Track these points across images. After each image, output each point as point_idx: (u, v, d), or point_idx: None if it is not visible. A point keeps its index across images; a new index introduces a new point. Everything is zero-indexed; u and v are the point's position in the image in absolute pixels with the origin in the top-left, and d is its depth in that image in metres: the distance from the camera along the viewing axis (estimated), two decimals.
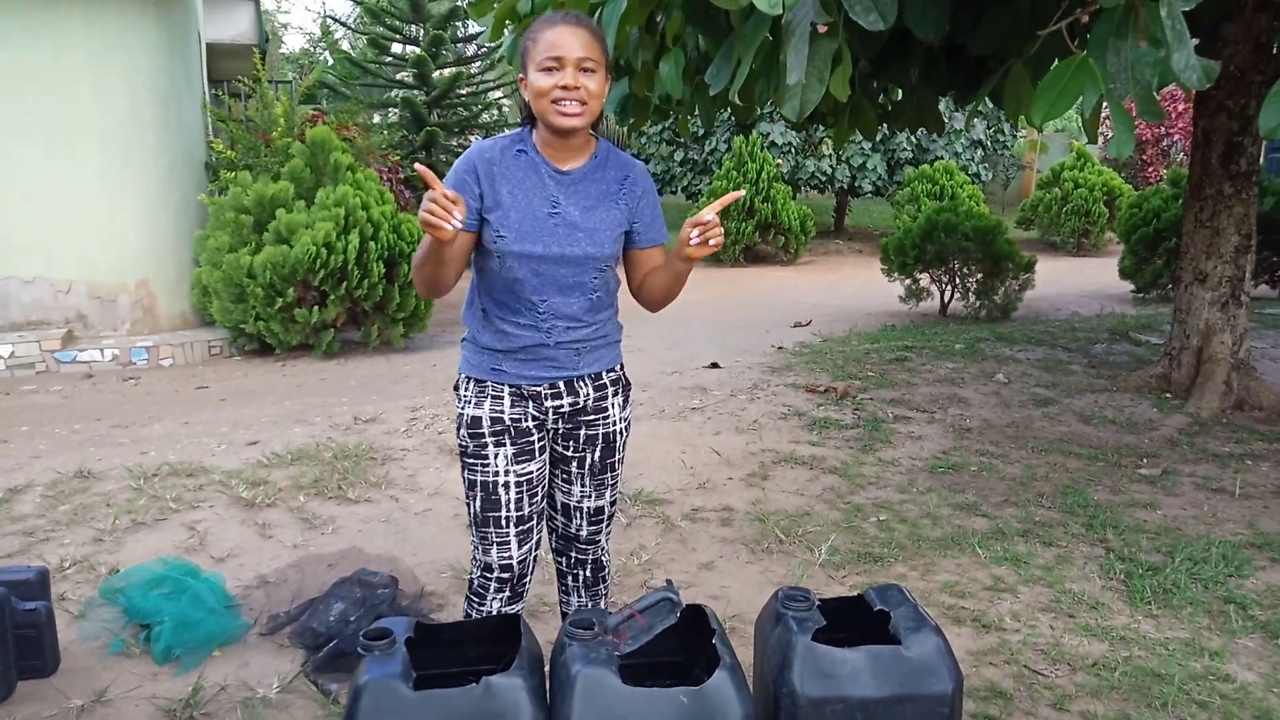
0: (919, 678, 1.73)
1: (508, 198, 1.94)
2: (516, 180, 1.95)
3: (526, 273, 1.95)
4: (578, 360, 2.06)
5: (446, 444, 4.49)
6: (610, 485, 2.21)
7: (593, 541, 2.28)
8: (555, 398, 2.06)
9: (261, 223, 6.90)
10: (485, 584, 2.11)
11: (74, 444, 4.72)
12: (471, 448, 2.04)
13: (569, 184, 1.97)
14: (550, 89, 1.85)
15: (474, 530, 2.09)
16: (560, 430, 2.12)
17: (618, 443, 2.18)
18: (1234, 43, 4.77)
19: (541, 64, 1.86)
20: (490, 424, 2.02)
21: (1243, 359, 5.12)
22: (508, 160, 1.96)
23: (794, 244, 13.37)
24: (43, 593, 2.60)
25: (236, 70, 11.38)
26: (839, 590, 3.07)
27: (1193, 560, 3.24)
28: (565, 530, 2.27)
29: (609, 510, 2.26)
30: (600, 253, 1.98)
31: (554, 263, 1.95)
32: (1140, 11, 1.97)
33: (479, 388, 2.05)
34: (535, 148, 1.98)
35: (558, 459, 2.17)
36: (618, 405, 2.15)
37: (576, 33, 1.86)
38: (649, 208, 2.08)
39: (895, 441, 4.58)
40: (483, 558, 2.09)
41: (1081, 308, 9.33)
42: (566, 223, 1.95)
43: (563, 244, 1.95)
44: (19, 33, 6.53)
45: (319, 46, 24.61)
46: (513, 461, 2.03)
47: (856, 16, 2.18)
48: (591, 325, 2.06)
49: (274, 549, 3.38)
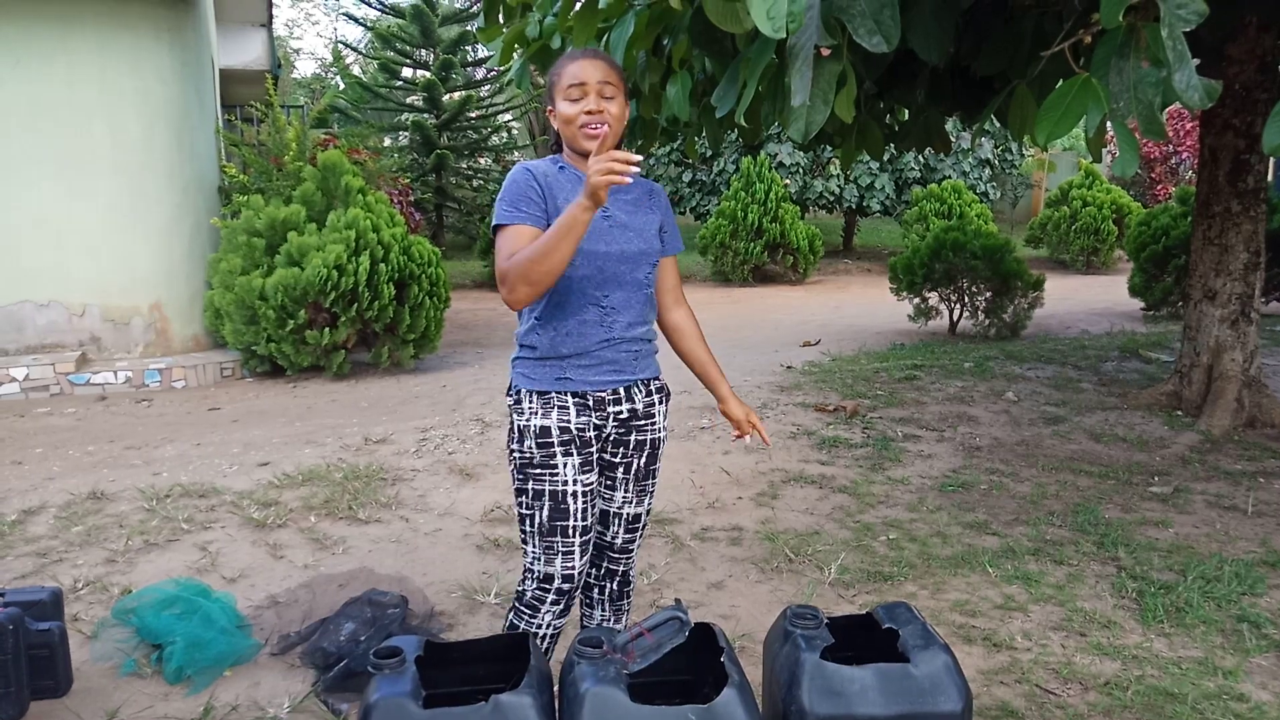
0: (928, 696, 1.72)
1: (565, 204, 2.04)
2: (568, 191, 2.07)
3: (592, 270, 2.06)
4: (635, 365, 2.16)
5: (456, 464, 4.51)
6: (649, 492, 2.29)
7: (626, 551, 2.32)
8: (616, 403, 2.15)
9: (273, 245, 6.96)
10: (542, 596, 2.12)
11: (87, 465, 4.75)
12: (539, 458, 2.08)
13: (610, 193, 2.09)
14: (577, 115, 2.02)
15: (536, 541, 2.11)
16: (612, 437, 2.19)
17: (659, 449, 2.27)
18: (1239, 62, 4.79)
19: (567, 94, 2.03)
20: (559, 433, 2.08)
21: (1254, 376, 5.11)
22: (555, 174, 2.10)
23: (803, 264, 13.40)
24: (56, 613, 2.62)
25: (249, 95, 11.54)
26: (849, 609, 3.06)
27: (1205, 578, 3.22)
28: (600, 538, 2.30)
29: (644, 519, 2.32)
30: (651, 248, 2.16)
31: (616, 260, 2.09)
32: (1142, 32, 1.99)
33: (544, 400, 2.10)
34: (572, 165, 2.13)
35: (604, 466, 2.23)
36: (662, 413, 2.26)
37: (595, 63, 2.04)
38: (670, 219, 2.28)
39: (905, 460, 4.57)
40: (544, 569, 2.11)
41: (1091, 325, 9.31)
42: (619, 224, 2.11)
43: (620, 242, 2.10)
44: (34, 60, 6.63)
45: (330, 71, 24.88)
46: (579, 471, 2.09)
47: (860, 39, 2.20)
48: (646, 324, 2.19)
49: (285, 569, 3.40)
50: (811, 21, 2.16)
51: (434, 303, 7.35)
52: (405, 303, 7.13)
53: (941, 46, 2.85)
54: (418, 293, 7.18)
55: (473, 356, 8.16)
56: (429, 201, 14.63)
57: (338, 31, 33.44)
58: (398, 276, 7.06)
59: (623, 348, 2.14)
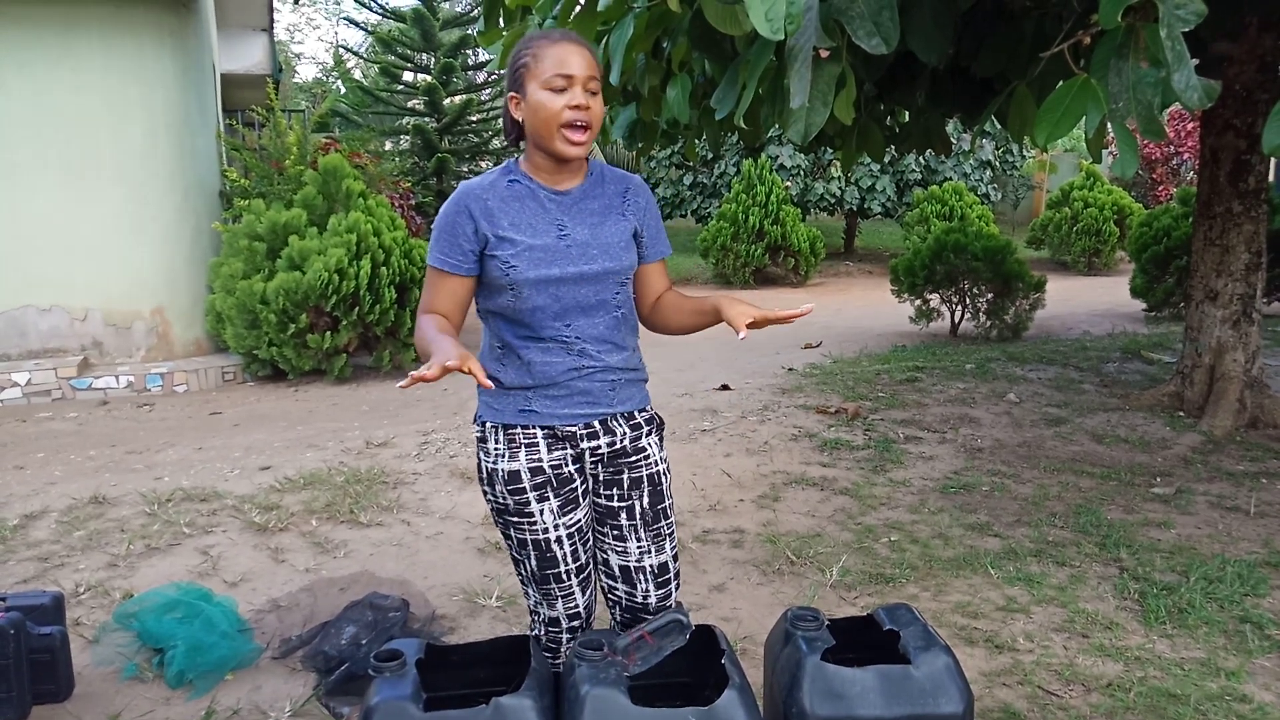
0: (929, 697, 1.72)
1: (510, 229, 1.83)
2: (516, 211, 1.85)
3: (546, 299, 1.84)
4: (612, 396, 1.93)
5: (458, 468, 4.51)
6: (668, 537, 2.02)
7: (662, 609, 2.02)
8: (592, 438, 1.93)
9: (274, 250, 6.97)
10: (557, 637, 2.01)
11: (89, 470, 4.75)
12: (513, 505, 1.89)
13: (569, 204, 1.88)
14: (560, 110, 1.76)
15: (533, 588, 1.97)
16: (601, 478, 1.98)
17: (664, 485, 2.01)
18: (1240, 62, 4.78)
19: (548, 82, 1.76)
20: (530, 476, 1.88)
21: (1256, 376, 5.10)
22: (501, 193, 1.86)
23: (804, 266, 13.40)
24: (57, 618, 2.62)
25: (250, 100, 11.56)
26: (851, 611, 3.06)
27: (1208, 579, 3.21)
28: (630, 601, 2.02)
29: (674, 568, 2.04)
30: (618, 265, 1.89)
31: (573, 283, 1.84)
32: (1141, 33, 1.99)
33: (509, 436, 1.89)
34: (528, 175, 1.89)
35: (604, 513, 1.99)
36: (655, 445, 2.01)
37: (581, 51, 1.78)
38: (653, 220, 2.00)
39: (906, 462, 4.57)
40: (548, 613, 1.98)
41: (1093, 327, 9.30)
42: (577, 243, 1.85)
43: (578, 263, 1.84)
44: (38, 65, 6.65)
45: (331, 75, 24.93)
46: (560, 515, 1.90)
47: (859, 40, 2.20)
48: (623, 351, 1.94)
49: (286, 573, 3.40)
50: (810, 23, 2.16)
51: None
52: (406, 306, 7.14)
53: (941, 48, 2.85)
54: (418, 296, 7.17)
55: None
56: (430, 205, 14.63)
57: (339, 36, 33.52)
58: (399, 280, 7.07)
59: (596, 378, 1.90)
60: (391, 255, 7.03)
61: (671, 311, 2.02)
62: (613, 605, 2.07)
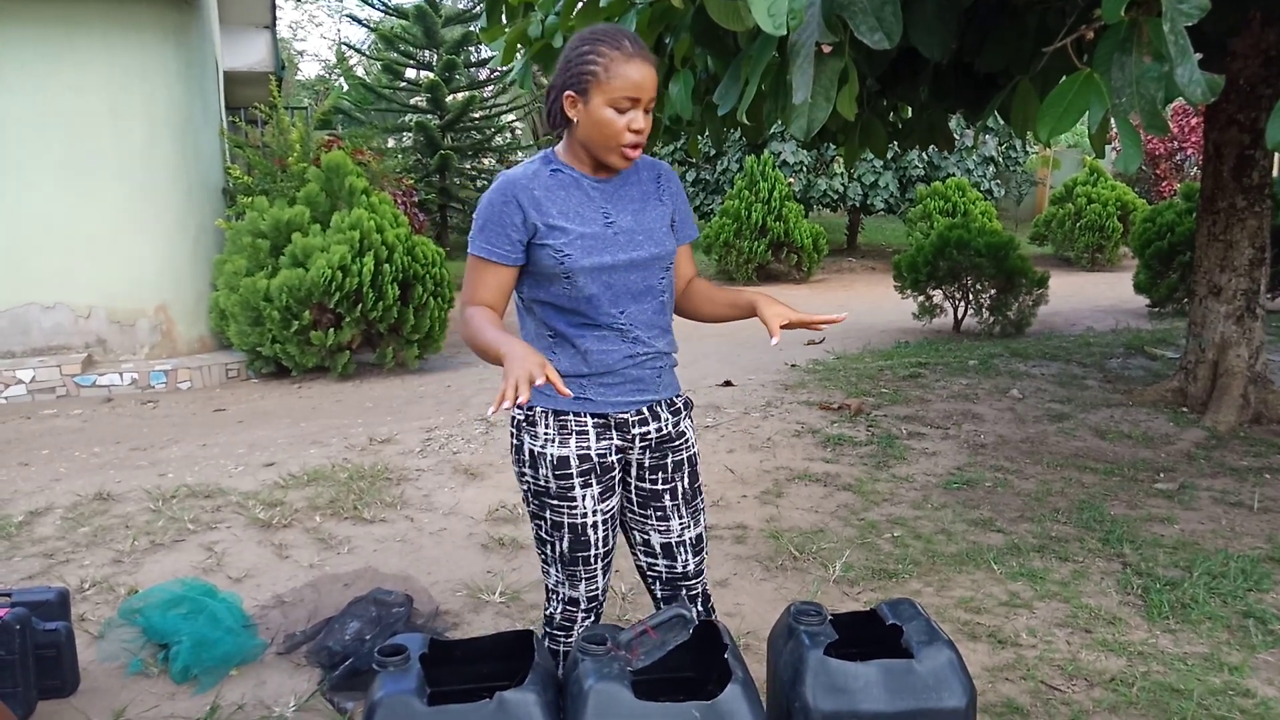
0: (932, 691, 1.72)
1: (560, 218, 1.86)
2: (563, 199, 1.87)
3: (599, 287, 1.88)
4: (659, 382, 2.00)
5: (461, 464, 4.52)
6: (702, 510, 2.14)
7: (699, 574, 2.16)
8: (642, 424, 1.99)
9: (278, 247, 6.98)
10: (571, 617, 2.07)
11: (94, 467, 4.77)
12: (556, 489, 1.94)
13: (610, 192, 1.92)
14: (621, 130, 1.80)
15: (558, 568, 2.03)
16: (647, 463, 2.04)
17: (698, 465, 2.13)
18: (1243, 56, 4.77)
19: (616, 102, 1.78)
20: (578, 463, 1.93)
21: (1259, 372, 5.09)
22: (546, 183, 1.88)
23: (807, 262, 13.39)
24: (63, 613, 2.63)
25: (253, 97, 11.56)
26: (854, 607, 3.06)
27: (1211, 575, 3.21)
28: (671, 573, 2.12)
29: (705, 535, 2.18)
30: (663, 250, 1.94)
31: (624, 270, 1.89)
32: (1144, 27, 1.99)
33: (560, 422, 1.92)
34: (569, 165, 1.91)
35: (648, 496, 2.06)
36: (690, 428, 2.10)
37: (650, 70, 1.80)
38: (682, 204, 2.05)
39: (909, 458, 4.57)
40: (569, 592, 2.05)
41: (1096, 323, 9.29)
42: (624, 230, 1.90)
43: (627, 250, 1.89)
44: (40, 63, 6.66)
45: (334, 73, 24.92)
46: (599, 501, 1.97)
47: (861, 36, 2.20)
48: (667, 335, 2.01)
49: (290, 569, 3.41)
50: (813, 18, 2.16)
51: (438, 303, 7.37)
52: (409, 303, 7.14)
53: (944, 43, 2.85)
54: (422, 293, 7.19)
55: (477, 357, 8.17)
56: (433, 202, 14.64)
57: (341, 33, 33.52)
58: (402, 277, 7.08)
59: (648, 364, 1.96)
60: (394, 252, 7.03)
61: (703, 300, 2.08)
62: (652, 581, 2.14)
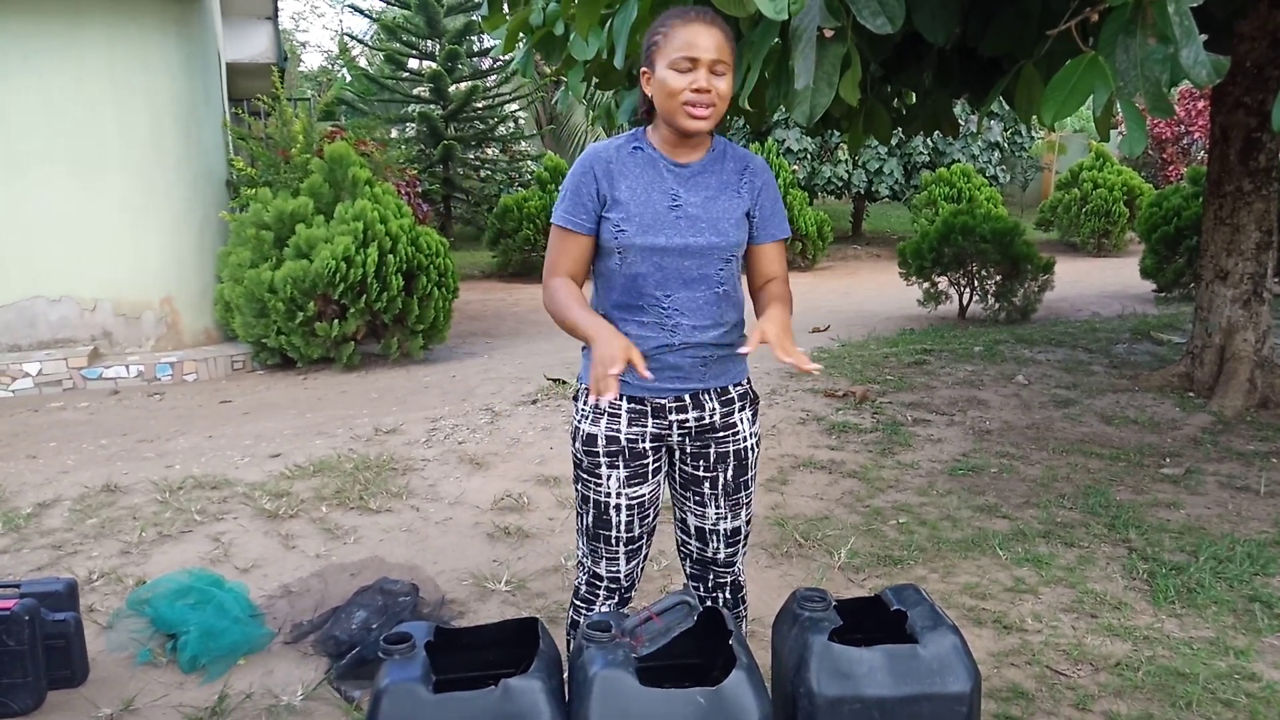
0: (936, 677, 1.72)
1: (626, 193, 1.91)
2: (635, 176, 1.92)
3: (649, 267, 1.91)
4: (704, 372, 1.98)
5: (467, 454, 4.52)
6: (745, 505, 2.12)
7: (730, 564, 2.17)
8: (680, 411, 1.99)
9: (282, 238, 6.98)
10: (594, 591, 2.11)
11: (101, 459, 4.79)
12: (585, 463, 2.01)
13: (687, 177, 1.94)
14: (682, 90, 1.81)
15: (584, 540, 2.08)
16: (689, 450, 2.05)
17: (750, 460, 2.08)
18: (1250, 38, 4.74)
19: (674, 63, 1.81)
20: (605, 443, 1.97)
21: (1266, 356, 5.07)
22: (624, 158, 1.94)
23: (811, 250, 13.36)
24: (71, 604, 2.64)
25: (256, 88, 11.54)
26: (859, 593, 3.06)
27: (1217, 559, 3.21)
28: (701, 555, 2.16)
29: (745, 530, 2.16)
30: (724, 241, 1.93)
31: (677, 254, 1.91)
32: (1149, 9, 1.97)
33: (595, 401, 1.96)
34: (652, 145, 1.95)
35: (688, 480, 2.08)
36: (747, 420, 2.06)
37: (712, 33, 1.82)
38: (769, 200, 2.02)
39: (915, 444, 4.56)
40: (592, 566, 2.09)
41: (1102, 308, 9.26)
42: (688, 215, 1.91)
43: (685, 234, 1.91)
44: (43, 55, 6.65)
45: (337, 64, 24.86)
46: (625, 485, 1.99)
47: (864, 20, 2.19)
48: (720, 328, 1.98)
49: (297, 559, 3.42)
50: (814, 3, 2.15)
51: (442, 293, 7.36)
52: (414, 294, 7.14)
53: (947, 27, 2.83)
54: (426, 283, 7.19)
55: (482, 346, 8.17)
56: (436, 192, 14.62)
57: (343, 24, 33.46)
58: (406, 267, 7.07)
59: (688, 354, 1.95)
60: (398, 243, 7.02)
61: (761, 305, 2.02)
62: (684, 556, 2.20)
